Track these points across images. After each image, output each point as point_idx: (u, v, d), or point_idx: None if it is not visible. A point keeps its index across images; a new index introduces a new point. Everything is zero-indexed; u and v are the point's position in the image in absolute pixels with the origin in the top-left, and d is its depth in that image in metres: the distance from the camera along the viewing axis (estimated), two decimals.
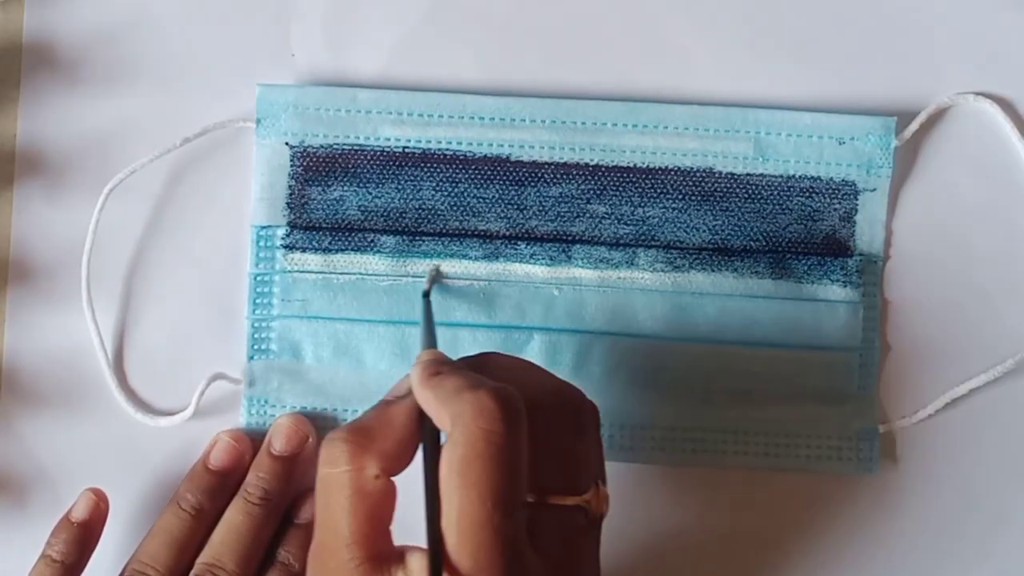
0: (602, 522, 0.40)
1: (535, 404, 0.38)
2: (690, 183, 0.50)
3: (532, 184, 0.50)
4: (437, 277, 0.50)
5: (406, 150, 0.50)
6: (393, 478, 0.38)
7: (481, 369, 0.40)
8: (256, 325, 0.51)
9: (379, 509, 0.38)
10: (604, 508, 0.40)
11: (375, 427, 0.39)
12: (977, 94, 0.50)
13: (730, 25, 0.51)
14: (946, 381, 0.50)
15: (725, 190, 0.50)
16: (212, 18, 0.51)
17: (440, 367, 0.40)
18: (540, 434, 0.37)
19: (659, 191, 0.50)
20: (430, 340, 0.45)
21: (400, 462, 0.38)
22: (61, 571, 0.48)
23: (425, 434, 0.39)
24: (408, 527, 0.38)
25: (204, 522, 0.48)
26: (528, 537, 0.36)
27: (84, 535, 0.49)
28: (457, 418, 0.36)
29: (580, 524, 0.39)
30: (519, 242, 0.50)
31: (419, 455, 0.39)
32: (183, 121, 0.50)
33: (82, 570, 0.48)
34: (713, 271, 0.50)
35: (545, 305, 0.50)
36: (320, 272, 0.50)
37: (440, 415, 0.38)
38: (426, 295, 0.48)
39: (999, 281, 0.50)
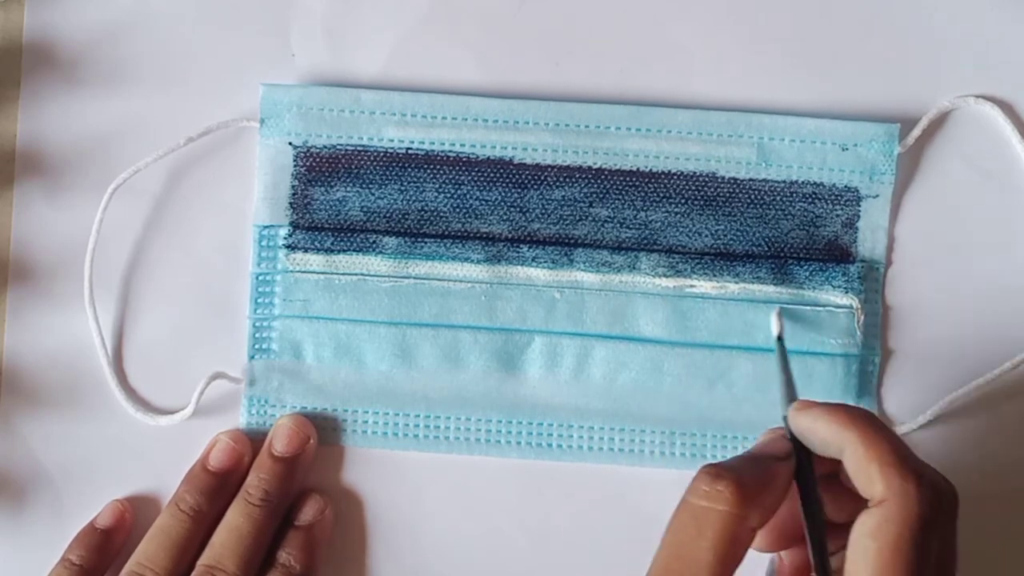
0: None
1: None
2: (693, 188, 0.50)
3: (535, 187, 0.50)
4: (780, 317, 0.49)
5: (409, 151, 0.50)
6: None
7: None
8: (257, 325, 0.51)
9: (739, 560, 0.37)
10: None
11: (762, 481, 0.38)
12: (978, 97, 0.51)
13: (734, 30, 0.51)
14: (947, 386, 0.50)
15: (728, 195, 0.50)
16: (212, 18, 0.51)
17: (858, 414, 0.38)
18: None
19: (662, 195, 0.50)
20: (789, 383, 0.44)
21: (768, 520, 0.38)
22: (79, 574, 0.48)
23: (809, 489, 0.39)
24: None
25: (203, 523, 0.48)
26: None
27: (106, 542, 0.49)
28: (897, 493, 0.36)
29: None
30: (521, 245, 0.50)
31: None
32: (182, 121, 0.50)
33: None
34: (715, 276, 0.50)
35: (546, 308, 0.50)
36: (322, 272, 0.50)
37: (867, 472, 0.37)
38: (780, 339, 0.48)
39: (1000, 285, 0.51)
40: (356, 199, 0.50)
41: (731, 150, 0.50)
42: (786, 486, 0.38)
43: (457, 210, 0.50)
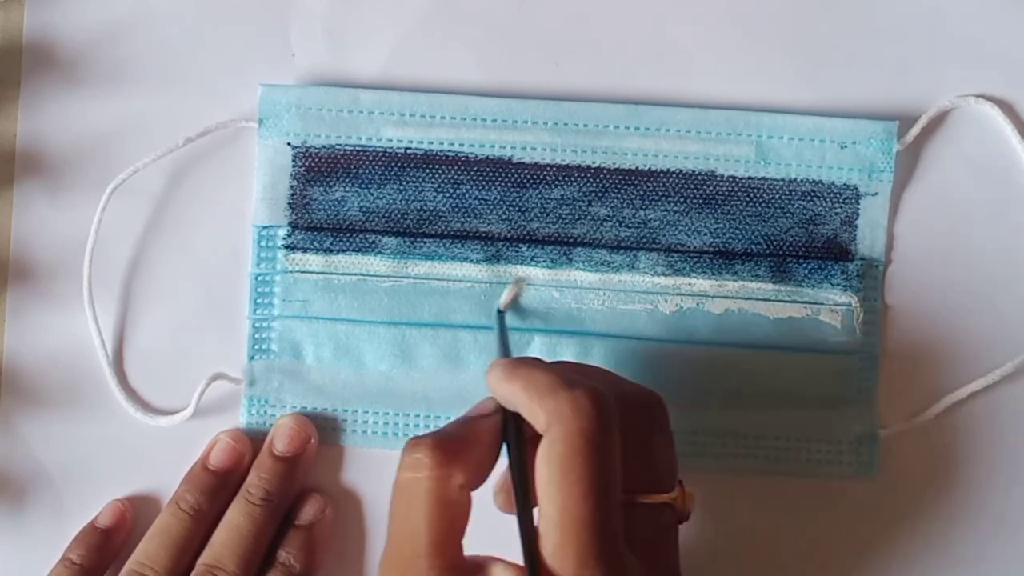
0: (684, 521, 0.40)
1: (617, 404, 0.38)
2: (692, 186, 0.50)
3: (534, 186, 0.50)
4: (518, 293, 0.50)
5: (408, 151, 0.50)
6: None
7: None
8: (257, 325, 0.51)
9: (459, 520, 0.37)
10: (691, 506, 0.40)
11: (461, 438, 0.38)
12: (978, 96, 0.50)
13: (733, 28, 0.51)
14: (946, 385, 0.50)
15: (726, 193, 0.50)
16: (212, 18, 0.51)
17: (522, 364, 0.40)
18: (624, 434, 0.37)
19: (661, 194, 0.50)
20: (505, 352, 0.45)
21: (482, 476, 0.38)
22: (79, 574, 0.48)
23: (510, 436, 0.39)
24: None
25: (203, 523, 0.48)
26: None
27: (106, 542, 0.49)
28: (555, 415, 0.36)
29: (669, 522, 0.39)
30: (520, 244, 0.50)
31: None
32: (182, 121, 0.50)
33: None
34: (713, 274, 0.50)
35: (546, 307, 0.50)
36: (321, 272, 0.50)
37: (532, 410, 0.37)
38: (500, 312, 0.49)
39: (1000, 285, 0.51)
40: (355, 199, 0.50)
41: (730, 148, 0.50)
42: (491, 440, 0.39)
43: (456, 210, 0.50)
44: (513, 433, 0.39)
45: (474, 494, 0.38)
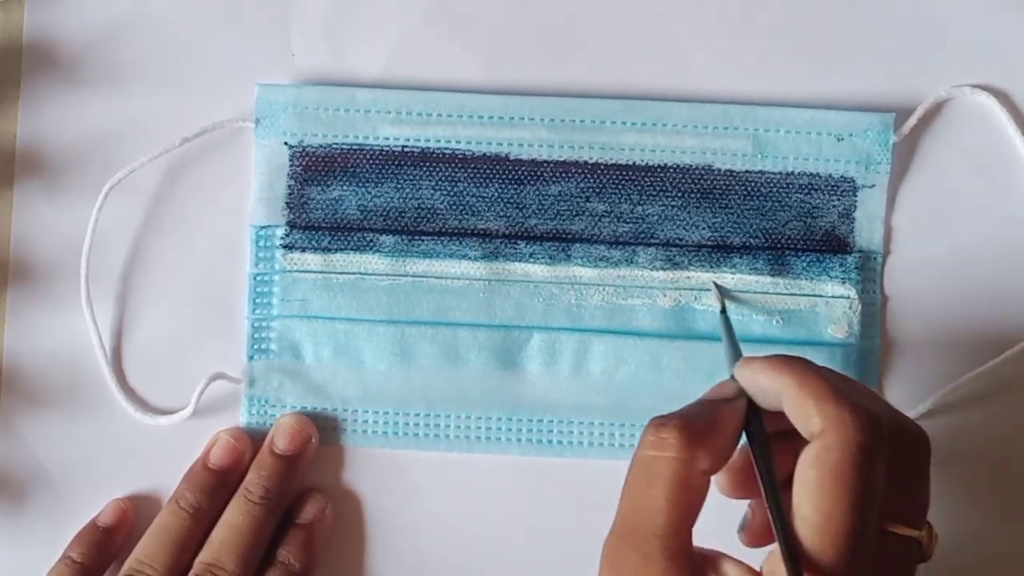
0: (924, 562, 0.39)
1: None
2: (689, 180, 0.50)
3: (531, 183, 0.50)
4: (720, 294, 0.50)
5: (405, 149, 0.50)
6: None
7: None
8: (256, 325, 0.51)
9: (696, 506, 0.37)
10: (933, 548, 0.38)
11: (708, 422, 0.38)
12: (974, 87, 0.50)
13: (729, 23, 0.51)
14: (945, 376, 0.50)
15: (724, 187, 0.50)
16: (212, 18, 0.51)
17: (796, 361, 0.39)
18: (888, 461, 0.37)
19: (658, 189, 0.50)
20: (735, 349, 0.45)
21: (722, 463, 0.38)
22: (80, 572, 0.48)
23: (754, 427, 0.39)
24: None
25: (202, 521, 0.48)
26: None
27: (106, 540, 0.49)
28: (834, 422, 0.36)
29: (912, 558, 0.38)
30: (518, 241, 0.50)
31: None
32: (182, 121, 0.51)
33: (101, 574, 0.49)
34: (712, 268, 0.50)
35: (545, 304, 0.50)
36: (320, 272, 0.50)
37: (804, 410, 0.37)
38: (723, 312, 0.48)
39: (998, 275, 0.50)
40: (352, 198, 0.50)
41: (727, 142, 0.50)
42: (735, 427, 0.39)
43: (454, 207, 0.50)
44: (758, 425, 0.39)
45: None
